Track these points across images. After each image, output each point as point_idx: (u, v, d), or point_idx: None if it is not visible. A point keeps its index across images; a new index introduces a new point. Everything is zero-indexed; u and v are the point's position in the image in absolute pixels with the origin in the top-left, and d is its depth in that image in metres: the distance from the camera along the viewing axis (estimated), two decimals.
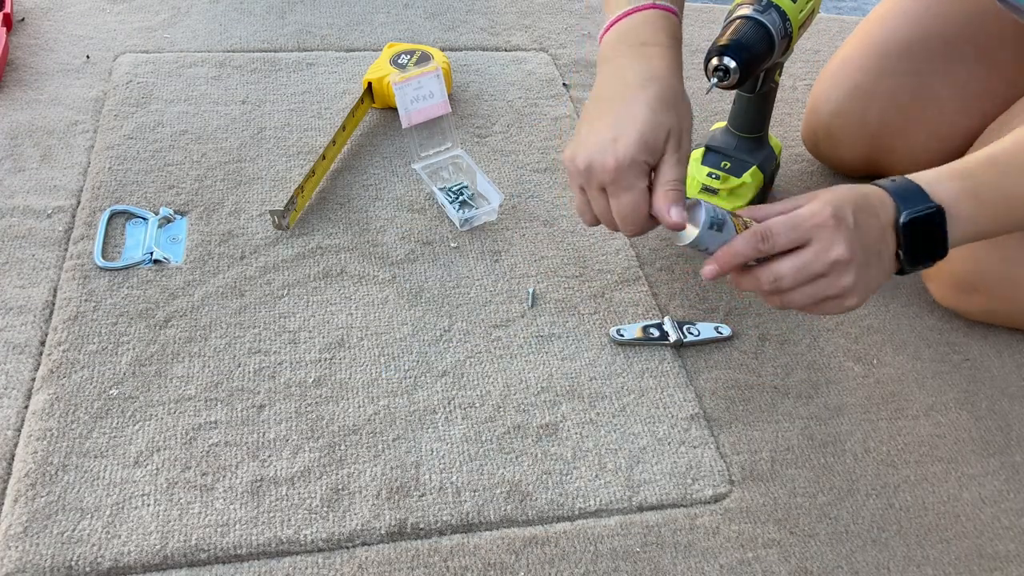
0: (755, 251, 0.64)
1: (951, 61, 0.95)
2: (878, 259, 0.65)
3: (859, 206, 0.65)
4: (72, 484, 0.67)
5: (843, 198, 0.65)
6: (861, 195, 0.66)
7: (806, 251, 0.63)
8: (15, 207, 0.89)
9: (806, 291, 0.65)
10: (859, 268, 0.64)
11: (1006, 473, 0.78)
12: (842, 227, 0.63)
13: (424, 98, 0.95)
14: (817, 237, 0.63)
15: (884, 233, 0.65)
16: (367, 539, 0.67)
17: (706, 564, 0.68)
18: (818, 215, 0.63)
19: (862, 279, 0.64)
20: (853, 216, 0.63)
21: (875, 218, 0.65)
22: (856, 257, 0.63)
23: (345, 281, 0.86)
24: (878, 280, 0.67)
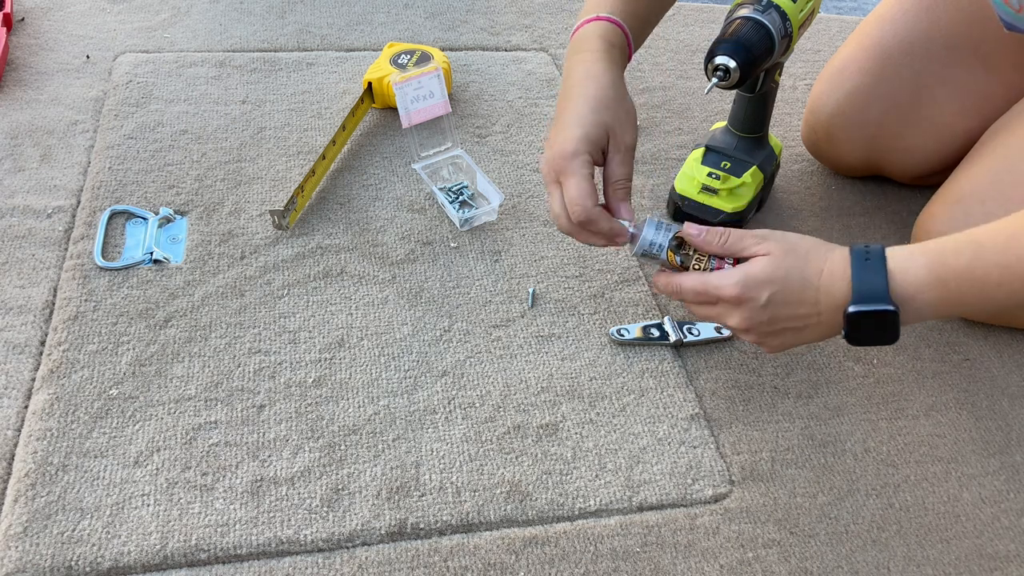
0: (668, 294, 0.73)
1: (951, 63, 0.95)
2: (797, 331, 0.68)
3: (783, 286, 0.65)
4: (72, 484, 0.67)
5: (766, 277, 0.66)
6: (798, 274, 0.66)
7: (711, 307, 0.70)
8: (15, 207, 0.89)
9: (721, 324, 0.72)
10: (762, 335, 0.68)
11: (1006, 473, 0.78)
12: (743, 306, 0.66)
13: (424, 98, 0.95)
14: (721, 303, 0.68)
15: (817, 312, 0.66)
16: (367, 539, 0.67)
17: (706, 564, 0.68)
18: (724, 289, 0.67)
19: (771, 341, 0.69)
20: (768, 297, 0.65)
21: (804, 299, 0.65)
22: (756, 328, 0.67)
23: (345, 281, 0.86)
24: (801, 341, 0.69)
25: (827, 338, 0.69)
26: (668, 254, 0.73)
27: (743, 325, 0.67)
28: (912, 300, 0.63)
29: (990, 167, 0.86)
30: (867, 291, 0.63)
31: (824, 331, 0.67)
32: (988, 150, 0.89)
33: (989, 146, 0.89)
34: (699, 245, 0.71)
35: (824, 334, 0.68)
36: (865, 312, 0.63)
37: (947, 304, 0.64)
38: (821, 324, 0.66)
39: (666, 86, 1.20)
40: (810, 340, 0.69)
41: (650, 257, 0.74)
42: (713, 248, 0.70)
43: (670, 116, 1.14)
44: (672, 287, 0.72)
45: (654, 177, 1.04)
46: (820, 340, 0.70)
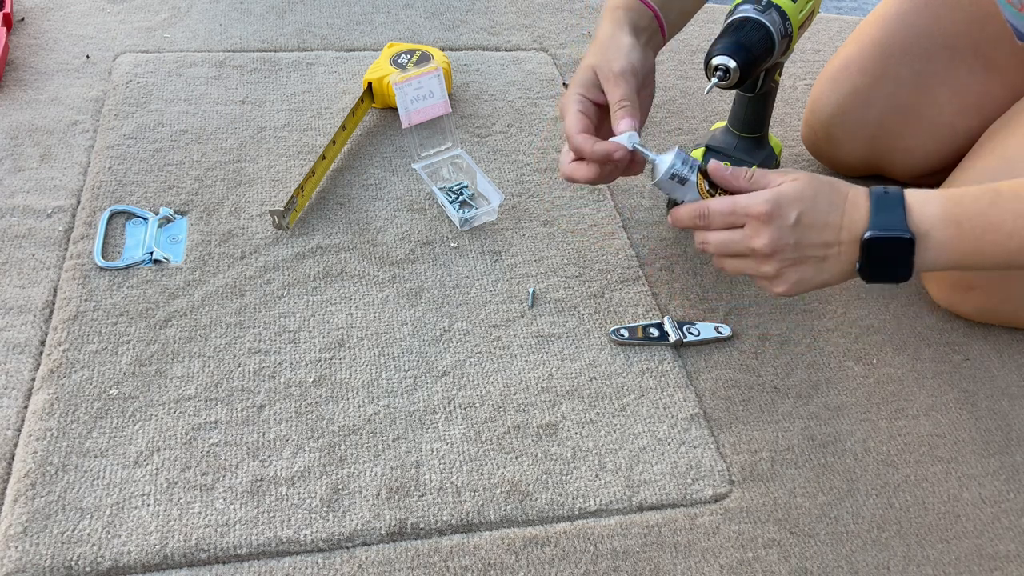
0: (693, 224, 0.71)
1: (951, 63, 0.95)
2: (818, 262, 0.67)
3: (813, 205, 0.66)
4: (72, 484, 0.67)
5: (797, 195, 0.66)
6: (826, 197, 0.67)
7: (734, 232, 0.69)
8: (15, 207, 0.89)
9: (733, 263, 0.71)
10: (784, 263, 0.67)
11: (1006, 473, 0.78)
12: (772, 223, 0.66)
13: (424, 98, 0.95)
14: (748, 224, 0.67)
15: (839, 239, 0.66)
16: (367, 539, 0.67)
17: (706, 564, 0.68)
18: (754, 207, 0.66)
19: (790, 273, 0.68)
20: (797, 215, 0.65)
21: (829, 222, 0.66)
22: (780, 253, 0.67)
23: (345, 281, 0.86)
24: (818, 279, 0.68)
25: (842, 278, 0.68)
26: (698, 177, 0.72)
27: (769, 247, 0.66)
28: (926, 236, 0.64)
29: (990, 166, 0.86)
30: (884, 219, 0.64)
31: (842, 266, 0.67)
32: (988, 149, 0.89)
33: (989, 145, 0.89)
34: (725, 179, 0.71)
35: (841, 271, 0.67)
36: (881, 238, 0.64)
37: (960, 247, 0.64)
38: (840, 256, 0.66)
39: (666, 86, 1.20)
40: (827, 278, 0.68)
41: (672, 188, 0.73)
42: (740, 182, 0.70)
43: (670, 116, 1.14)
44: (697, 211, 0.70)
45: None
46: (836, 281, 0.69)
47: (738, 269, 0.71)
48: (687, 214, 0.71)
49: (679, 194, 0.74)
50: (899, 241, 0.64)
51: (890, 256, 0.65)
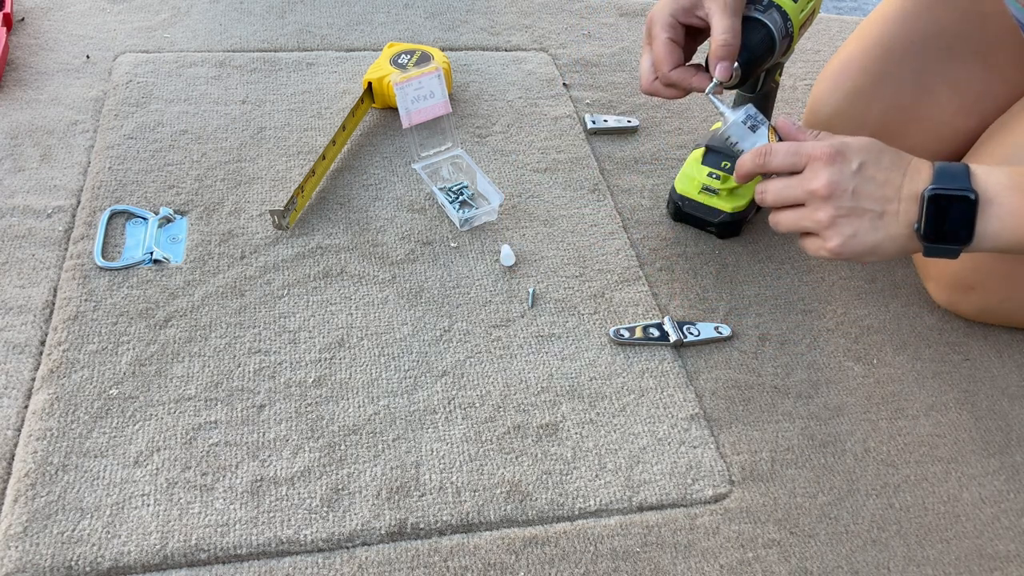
0: (755, 165, 0.72)
1: (951, 62, 0.95)
2: (876, 217, 0.66)
3: (877, 158, 0.66)
4: (72, 484, 0.67)
5: (862, 146, 0.67)
6: (890, 155, 0.67)
7: (794, 176, 0.69)
8: (15, 207, 0.89)
9: (787, 217, 0.71)
10: (841, 211, 0.67)
11: (1006, 473, 0.78)
12: (834, 164, 0.66)
13: (424, 98, 0.95)
14: (808, 166, 0.67)
15: (899, 196, 0.65)
16: (367, 539, 0.67)
17: (706, 564, 0.68)
18: (818, 148, 0.67)
19: (844, 225, 0.67)
20: (860, 163, 0.65)
21: (891, 179, 0.65)
22: (838, 197, 0.66)
23: (345, 281, 0.86)
24: (872, 237, 0.67)
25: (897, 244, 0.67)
26: (769, 130, 0.75)
27: (827, 189, 0.66)
28: (991, 202, 0.63)
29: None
30: (948, 177, 0.64)
31: (899, 227, 0.66)
32: (989, 149, 0.89)
33: (990, 145, 0.89)
34: (793, 134, 0.72)
35: (898, 232, 0.66)
36: (944, 195, 0.63)
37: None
38: (899, 215, 0.66)
39: None
40: (881, 240, 0.67)
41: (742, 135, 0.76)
42: (807, 137, 0.71)
43: (670, 116, 1.14)
44: (762, 149, 0.71)
45: (654, 177, 1.04)
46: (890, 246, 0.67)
47: (792, 222, 0.71)
48: (750, 154, 0.72)
49: (747, 143, 0.76)
50: (962, 200, 0.63)
51: (952, 216, 0.63)
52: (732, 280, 0.92)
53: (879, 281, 0.94)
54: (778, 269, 0.94)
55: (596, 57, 1.23)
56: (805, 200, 0.68)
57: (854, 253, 0.68)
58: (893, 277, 0.95)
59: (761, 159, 0.71)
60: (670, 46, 0.77)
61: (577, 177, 1.02)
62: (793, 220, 0.71)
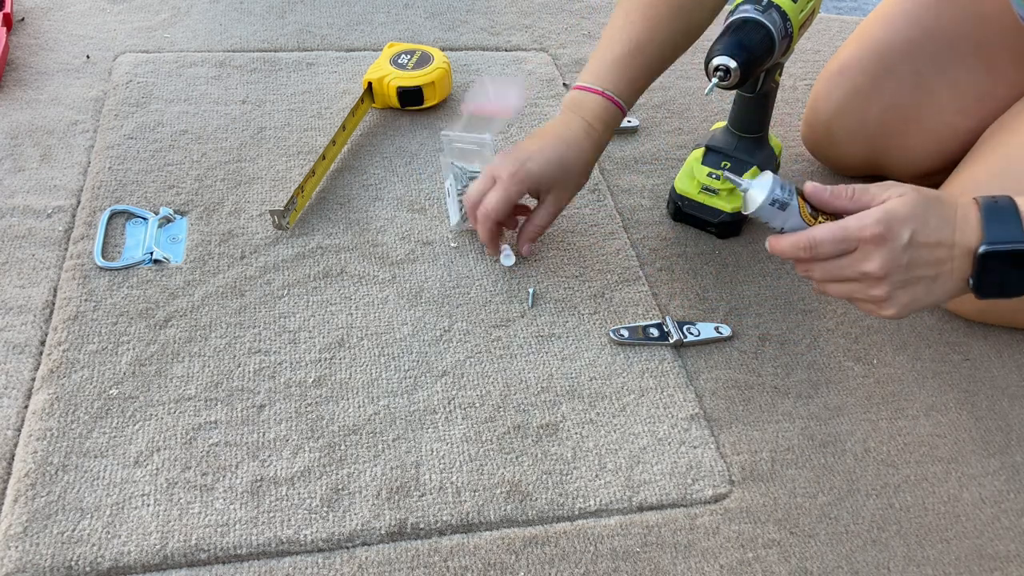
0: (797, 256, 0.67)
1: (951, 62, 0.95)
2: (931, 282, 0.64)
3: (924, 222, 0.63)
4: (72, 484, 0.67)
5: (908, 214, 0.63)
6: (936, 212, 0.64)
7: (843, 258, 0.65)
8: (15, 207, 0.89)
9: (839, 288, 0.67)
10: (896, 286, 0.64)
11: (1006, 473, 0.78)
12: (885, 245, 0.63)
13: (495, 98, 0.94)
14: (861, 247, 0.64)
15: (951, 255, 0.63)
16: (367, 539, 0.67)
17: (706, 564, 0.68)
18: (866, 228, 0.63)
19: (901, 296, 0.65)
20: (910, 235, 0.62)
21: (942, 240, 0.63)
22: (892, 275, 0.63)
23: (345, 281, 0.86)
24: (928, 299, 0.65)
25: (954, 296, 0.65)
26: (799, 200, 0.68)
27: (882, 270, 0.63)
28: None
29: (991, 166, 0.86)
30: (999, 230, 0.62)
31: (955, 283, 0.64)
32: (989, 149, 0.89)
33: (989, 145, 0.89)
34: (826, 201, 0.67)
35: (954, 288, 0.64)
36: (998, 252, 0.61)
37: None
38: (953, 272, 0.64)
39: (666, 86, 1.20)
40: (938, 296, 0.65)
41: (772, 215, 0.68)
42: (842, 201, 0.66)
43: (670, 116, 1.14)
44: (804, 241, 0.66)
45: (654, 177, 1.04)
46: (947, 298, 0.65)
47: (844, 293, 0.67)
48: (790, 245, 0.66)
49: (779, 221, 0.68)
50: (1017, 254, 0.61)
51: (1009, 267, 0.62)
52: (732, 280, 0.92)
53: None
54: (778, 269, 0.94)
55: None
56: (859, 279, 0.65)
57: (911, 313, 0.67)
58: None
59: (807, 253, 0.66)
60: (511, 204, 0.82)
61: None
62: (846, 292, 0.67)
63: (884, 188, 0.66)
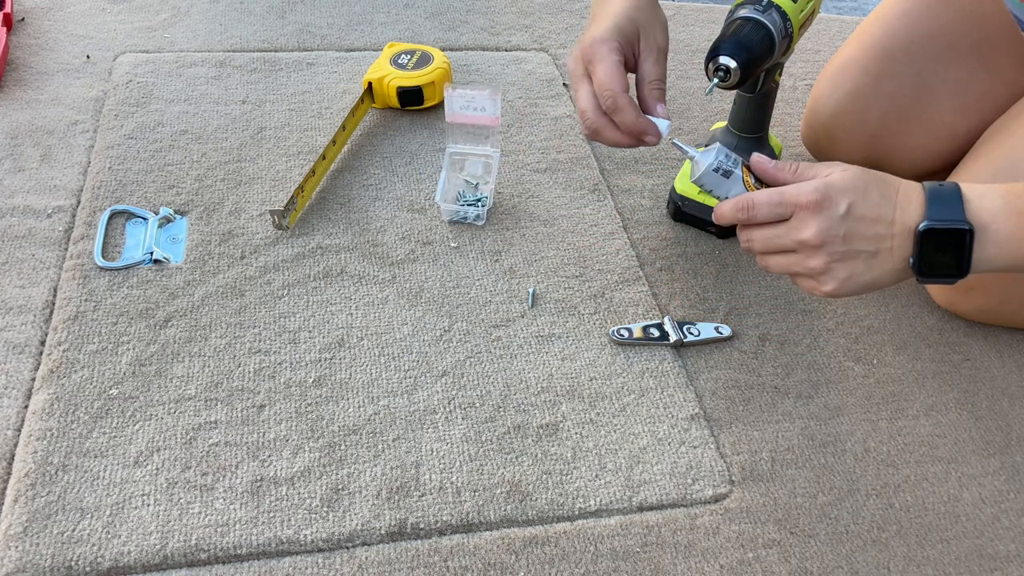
0: (736, 218, 0.68)
1: (951, 62, 0.95)
2: (869, 257, 0.64)
3: (864, 196, 0.63)
4: (72, 484, 0.67)
5: (847, 186, 0.63)
6: (878, 187, 0.64)
7: (781, 225, 0.65)
8: (15, 207, 0.89)
9: (778, 260, 0.67)
10: (833, 257, 0.63)
11: (1006, 473, 0.78)
12: (822, 212, 0.62)
13: (474, 110, 0.93)
14: (795, 214, 0.64)
15: (891, 232, 0.63)
16: (367, 539, 0.67)
17: (706, 564, 0.68)
18: (803, 195, 0.63)
19: (839, 269, 0.64)
20: (848, 205, 0.62)
21: (882, 215, 0.63)
22: (829, 245, 0.63)
23: (345, 281, 0.86)
24: (868, 276, 0.65)
25: (895, 278, 0.64)
26: (743, 171, 0.70)
27: (817, 238, 0.62)
28: (986, 229, 0.60)
29: (991, 166, 0.86)
30: (942, 210, 0.61)
31: (894, 262, 0.63)
32: (989, 149, 0.89)
33: (989, 145, 0.89)
34: (769, 172, 0.68)
35: (893, 268, 0.64)
36: (938, 229, 0.60)
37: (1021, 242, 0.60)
38: (893, 251, 0.63)
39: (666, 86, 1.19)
40: (878, 276, 0.64)
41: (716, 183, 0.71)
42: (785, 175, 0.67)
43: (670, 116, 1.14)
44: (741, 203, 0.67)
45: (654, 177, 1.04)
46: (888, 280, 0.65)
47: (783, 266, 0.67)
48: (730, 207, 0.68)
49: (723, 190, 0.71)
50: (957, 233, 0.60)
51: (947, 249, 0.61)
52: (732, 280, 0.92)
53: None
54: None
55: None
56: (796, 248, 0.65)
57: (850, 292, 0.66)
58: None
59: (745, 214, 0.67)
60: (619, 68, 0.71)
61: (577, 177, 1.02)
62: (785, 266, 0.67)
63: (829, 165, 0.66)
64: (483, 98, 0.90)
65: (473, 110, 0.92)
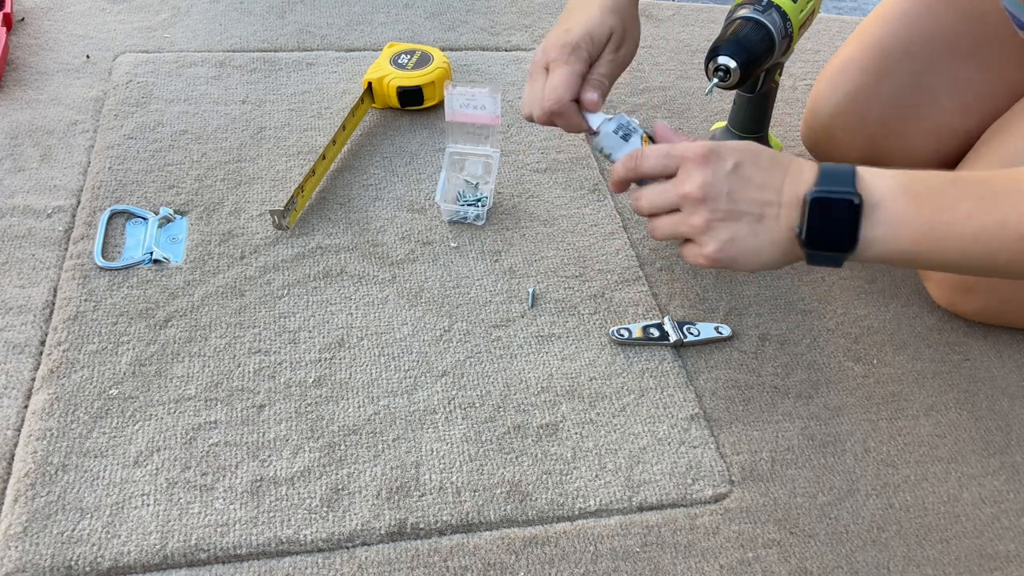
0: (627, 170, 0.68)
1: (951, 62, 0.95)
2: (755, 220, 0.62)
3: (755, 159, 0.62)
4: (72, 484, 0.67)
5: (738, 147, 0.63)
6: (769, 156, 0.63)
7: (667, 182, 0.65)
8: (15, 207, 0.89)
9: (664, 221, 0.66)
10: (716, 214, 0.62)
11: (1006, 473, 0.78)
12: (708, 166, 0.62)
13: (474, 108, 0.92)
14: (681, 168, 0.64)
15: (779, 199, 0.61)
16: (367, 539, 0.67)
17: (706, 564, 0.68)
18: (690, 148, 0.63)
19: (720, 229, 0.62)
20: (735, 163, 0.61)
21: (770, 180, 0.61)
22: (713, 199, 0.62)
23: (345, 281, 0.86)
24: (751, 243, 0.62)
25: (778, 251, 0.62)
26: (643, 139, 0.72)
27: (700, 191, 0.61)
28: (877, 206, 0.59)
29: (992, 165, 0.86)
30: (832, 179, 0.60)
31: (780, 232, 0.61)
32: (988, 149, 0.89)
33: (989, 145, 0.89)
34: (670, 138, 0.70)
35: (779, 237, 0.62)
36: (827, 198, 0.58)
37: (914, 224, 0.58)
38: (779, 219, 0.61)
39: (666, 86, 1.20)
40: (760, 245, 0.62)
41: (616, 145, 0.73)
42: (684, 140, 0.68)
43: (670, 116, 1.14)
44: (632, 154, 0.67)
45: None
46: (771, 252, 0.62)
47: (668, 229, 0.66)
48: (622, 163, 0.68)
49: (620, 152, 0.73)
50: (846, 203, 0.58)
51: (834, 220, 0.59)
52: (732, 280, 0.92)
53: (879, 281, 0.94)
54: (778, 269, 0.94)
55: None
56: (680, 204, 0.64)
57: (731, 259, 0.63)
58: (893, 277, 0.95)
59: (632, 163, 0.67)
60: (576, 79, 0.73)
61: (577, 177, 1.02)
62: (669, 226, 0.65)
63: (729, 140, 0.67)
64: (483, 96, 0.90)
65: (473, 108, 0.92)
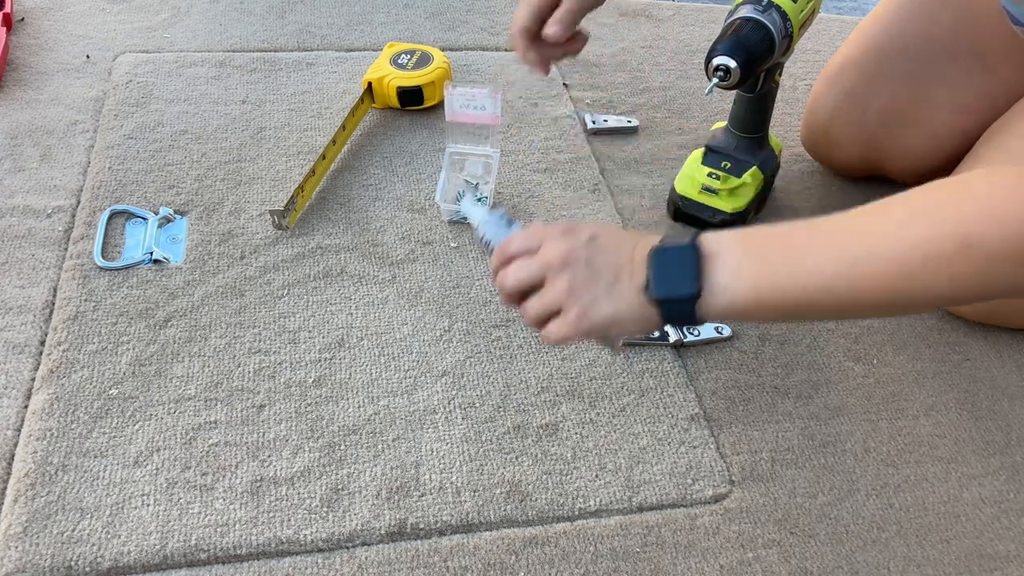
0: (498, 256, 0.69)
1: (949, 63, 0.95)
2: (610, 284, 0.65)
3: (609, 232, 0.67)
4: (72, 484, 0.67)
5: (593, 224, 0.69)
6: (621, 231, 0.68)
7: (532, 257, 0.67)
8: (15, 207, 0.89)
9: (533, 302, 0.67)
10: (577, 279, 0.65)
11: (1006, 473, 0.78)
12: (566, 237, 0.66)
13: (474, 108, 0.92)
14: (543, 243, 0.66)
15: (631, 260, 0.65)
16: (367, 539, 0.67)
17: (706, 564, 0.68)
18: (551, 228, 0.67)
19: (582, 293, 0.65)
20: (591, 235, 0.66)
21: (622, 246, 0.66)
22: (573, 264, 0.65)
23: (345, 281, 0.86)
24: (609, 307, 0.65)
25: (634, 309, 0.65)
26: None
27: (561, 257, 0.65)
28: (716, 256, 0.62)
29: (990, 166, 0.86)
30: (674, 237, 0.65)
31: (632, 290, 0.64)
32: (987, 150, 0.89)
33: (988, 146, 0.89)
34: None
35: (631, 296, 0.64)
36: (666, 247, 0.63)
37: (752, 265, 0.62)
38: (632, 277, 0.64)
39: (666, 86, 1.20)
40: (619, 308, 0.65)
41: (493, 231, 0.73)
42: None
43: (670, 116, 1.14)
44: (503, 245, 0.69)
45: (654, 177, 1.04)
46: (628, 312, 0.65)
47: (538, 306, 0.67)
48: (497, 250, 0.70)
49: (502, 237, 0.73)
50: (687, 247, 0.63)
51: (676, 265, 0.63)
52: None
53: None
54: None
55: (596, 57, 1.23)
56: (543, 273, 0.66)
57: (593, 324, 0.65)
58: None
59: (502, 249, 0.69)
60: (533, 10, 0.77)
61: (577, 177, 1.02)
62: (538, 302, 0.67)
63: None
64: (483, 96, 0.90)
65: (473, 108, 0.92)
